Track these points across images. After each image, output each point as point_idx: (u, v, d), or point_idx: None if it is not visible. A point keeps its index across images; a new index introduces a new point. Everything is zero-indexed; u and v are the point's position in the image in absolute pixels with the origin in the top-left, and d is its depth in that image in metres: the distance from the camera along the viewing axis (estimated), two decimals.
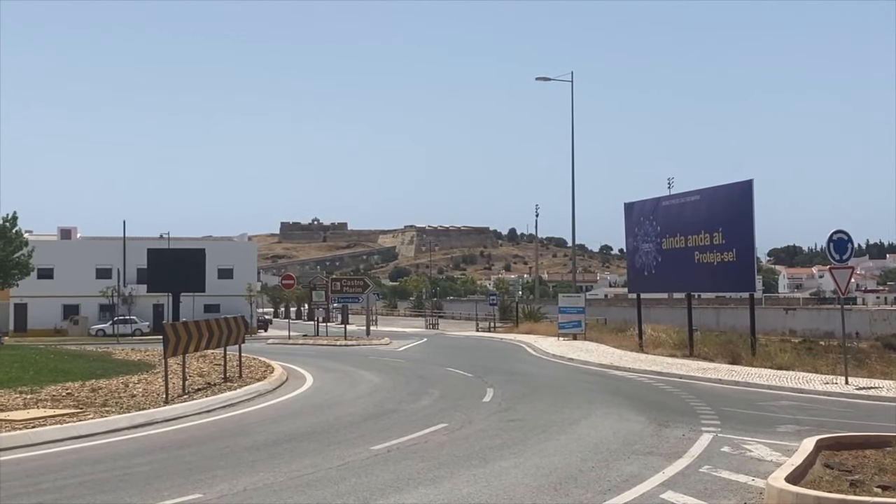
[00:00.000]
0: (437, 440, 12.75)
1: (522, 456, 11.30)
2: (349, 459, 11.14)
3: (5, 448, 12.17)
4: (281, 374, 23.22)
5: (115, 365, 24.41)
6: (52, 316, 73.67)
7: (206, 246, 55.10)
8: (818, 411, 16.40)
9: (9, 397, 16.72)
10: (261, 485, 9.59)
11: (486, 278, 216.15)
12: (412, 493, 9.07)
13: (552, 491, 9.18)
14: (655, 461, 10.91)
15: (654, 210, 33.57)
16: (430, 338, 53.52)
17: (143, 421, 14.85)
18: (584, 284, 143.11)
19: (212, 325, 20.47)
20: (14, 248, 59.53)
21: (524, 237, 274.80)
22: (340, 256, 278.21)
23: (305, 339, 53.12)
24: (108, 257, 74.25)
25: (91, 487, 9.55)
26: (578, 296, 49.81)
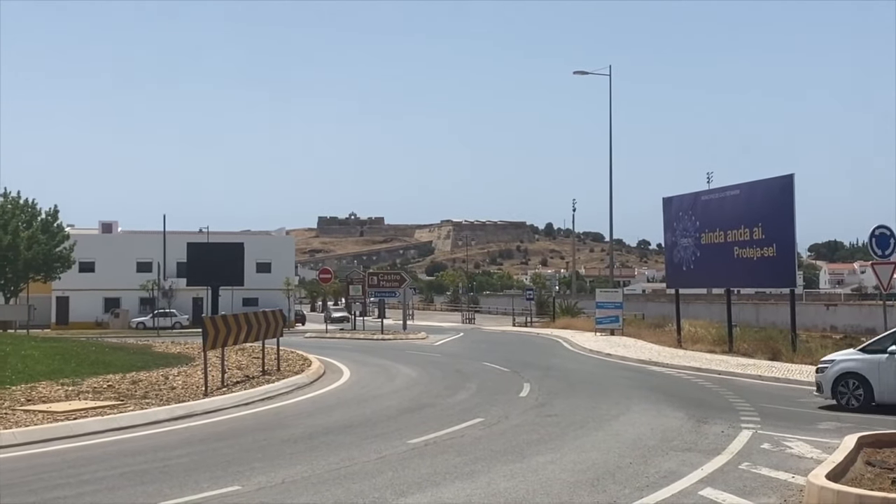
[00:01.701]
0: (473, 434, 12.74)
1: (560, 451, 11.26)
2: (386, 453, 11.16)
3: (48, 439, 12.34)
4: (318, 368, 23.34)
5: (155, 358, 24.64)
6: (94, 309, 74.59)
7: (245, 240, 55.58)
8: None
9: (51, 389, 16.94)
10: (298, 477, 9.64)
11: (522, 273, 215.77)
12: (449, 488, 9.07)
13: (590, 487, 9.14)
14: (694, 458, 10.82)
15: (693, 205, 33.29)
16: (466, 332, 53.52)
17: (182, 413, 14.99)
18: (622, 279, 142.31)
19: (250, 318, 20.62)
20: (56, 241, 60.40)
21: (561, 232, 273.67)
22: (377, 251, 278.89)
23: (342, 332, 53.36)
24: (149, 251, 75.01)
25: (131, 478, 9.65)
26: (616, 291, 49.54)
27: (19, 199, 60.30)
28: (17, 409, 14.27)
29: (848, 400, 17.06)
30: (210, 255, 36.91)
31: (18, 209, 59.60)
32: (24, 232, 57.69)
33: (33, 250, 57.56)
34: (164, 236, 74.03)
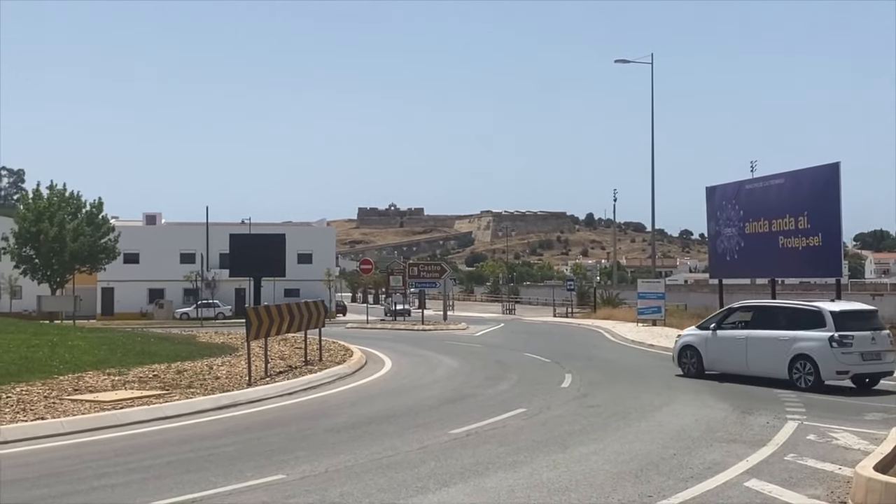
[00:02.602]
0: (515, 425, 12.74)
1: (602, 442, 11.22)
2: (428, 443, 11.19)
3: (95, 428, 12.52)
4: (360, 358, 23.45)
5: (200, 348, 24.90)
6: (138, 300, 75.54)
7: (286, 231, 55.87)
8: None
9: (98, 379, 17.18)
10: (342, 466, 9.69)
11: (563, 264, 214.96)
12: (492, 478, 9.08)
13: (633, 478, 9.09)
14: (739, 449, 10.73)
15: (736, 194, 32.93)
16: (506, 323, 53.48)
17: (226, 403, 15.14)
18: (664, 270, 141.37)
19: (292, 309, 20.76)
20: (101, 233, 61.21)
21: (602, 222, 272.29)
22: (417, 242, 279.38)
23: (383, 323, 53.55)
24: (192, 242, 75.78)
25: (177, 467, 9.77)
26: (658, 281, 49.16)
27: (65, 192, 61.16)
28: (64, 399, 14.50)
29: (687, 368, 20.53)
30: (252, 247, 37.23)
31: (64, 201, 60.46)
32: (69, 224, 58.53)
33: (79, 242, 58.37)
34: (206, 228, 74.76)
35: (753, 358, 19.30)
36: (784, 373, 18.44)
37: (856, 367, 17.95)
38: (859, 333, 18.12)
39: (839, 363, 17.78)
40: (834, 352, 17.75)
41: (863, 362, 18.01)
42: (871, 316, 19.45)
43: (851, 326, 18.24)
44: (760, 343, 19.19)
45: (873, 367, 18.21)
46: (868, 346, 18.06)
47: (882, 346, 18.36)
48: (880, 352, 18.28)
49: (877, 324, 19.06)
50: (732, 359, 19.82)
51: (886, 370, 18.50)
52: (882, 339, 18.42)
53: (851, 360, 17.85)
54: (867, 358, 18.04)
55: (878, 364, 18.27)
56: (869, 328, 18.52)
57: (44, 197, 60.25)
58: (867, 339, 18.11)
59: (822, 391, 17.49)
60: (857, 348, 17.93)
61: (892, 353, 18.57)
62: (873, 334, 18.33)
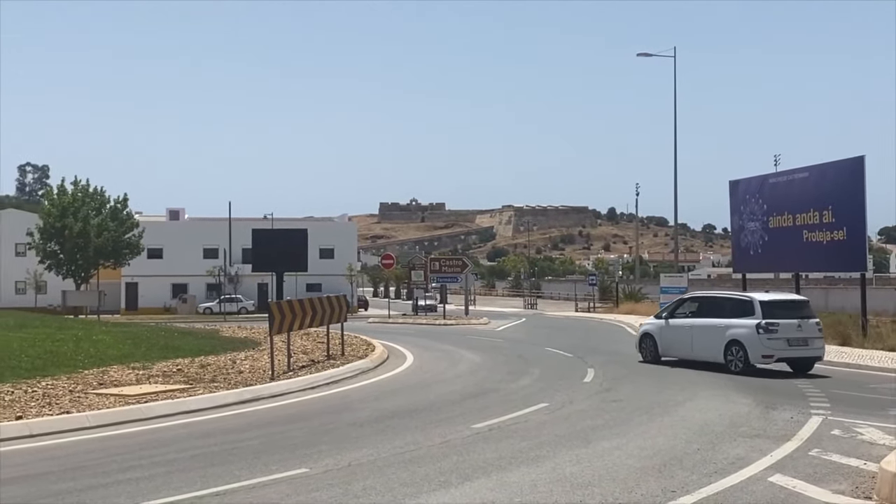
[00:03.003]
0: (538, 420, 12.72)
1: (625, 437, 11.18)
2: (450, 437, 11.19)
3: (120, 422, 12.62)
4: (382, 353, 23.49)
5: (223, 342, 25.03)
6: (162, 294, 76.05)
7: (308, 226, 55.98)
8: None
9: (122, 373, 17.31)
10: (365, 460, 9.71)
11: (584, 258, 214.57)
12: (514, 472, 9.07)
13: (656, 472, 9.06)
14: (763, 444, 10.66)
15: (760, 188, 32.73)
16: (528, 318, 53.44)
17: (250, 397, 15.21)
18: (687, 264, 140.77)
19: (315, 303, 20.82)
20: (125, 228, 61.66)
21: (624, 216, 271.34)
22: (438, 236, 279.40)
23: (405, 317, 53.63)
24: (215, 237, 76.17)
25: (201, 460, 9.82)
26: (681, 276, 48.96)
27: (89, 188, 61.61)
28: (89, 393, 14.61)
29: (646, 355, 22.52)
30: (274, 242, 37.23)
31: (88, 197, 60.94)
32: (94, 219, 59.00)
33: (103, 237, 58.84)
34: (229, 223, 75.08)
35: (697, 344, 21.17)
36: (720, 357, 20.22)
37: (781, 351, 19.65)
38: (785, 321, 19.73)
39: (764, 348, 19.50)
40: (760, 338, 19.50)
41: (788, 347, 19.66)
42: (800, 305, 21.03)
43: (778, 315, 19.87)
44: (702, 331, 21.02)
45: (799, 352, 19.88)
46: (794, 333, 19.73)
47: (809, 333, 19.94)
48: (807, 338, 19.88)
49: (805, 313, 20.46)
50: (681, 345, 21.73)
51: (813, 355, 20.11)
52: (809, 326, 19.99)
53: (777, 345, 19.54)
54: (793, 343, 19.70)
55: (805, 349, 19.92)
56: (796, 316, 20.05)
57: (68, 193, 60.77)
58: (793, 327, 19.74)
59: (755, 374, 19.14)
60: (783, 335, 19.59)
61: (819, 339, 20.30)
62: (800, 322, 19.90)
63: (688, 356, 21.52)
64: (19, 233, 70.51)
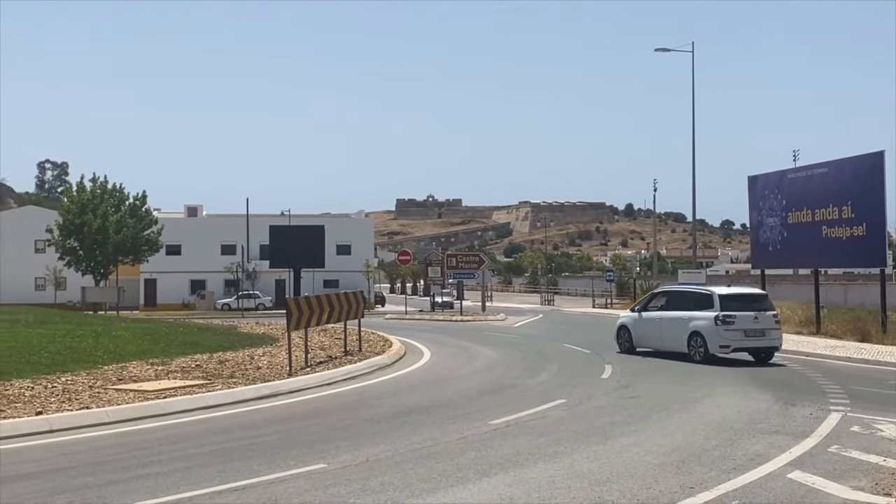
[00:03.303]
0: (555, 416, 12.70)
1: (643, 433, 11.15)
2: (468, 433, 11.20)
3: (139, 417, 12.68)
4: (399, 349, 23.52)
5: (241, 338, 25.11)
6: (180, 291, 76.38)
7: (325, 223, 56.23)
8: None
9: (141, 368, 17.39)
10: (382, 456, 9.73)
11: (602, 254, 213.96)
12: (532, 468, 9.06)
13: (675, 469, 9.04)
14: (782, 440, 10.62)
15: (779, 183, 32.56)
16: (545, 314, 53.37)
17: (268, 392, 15.26)
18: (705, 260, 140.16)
19: (332, 299, 20.86)
20: (144, 225, 61.98)
21: (642, 212, 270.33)
22: (455, 233, 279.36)
23: (422, 314, 53.65)
24: (233, 234, 76.45)
25: (220, 456, 9.86)
26: (699, 272, 48.75)
27: (107, 184, 61.94)
28: (109, 389, 14.69)
29: (622, 345, 24.00)
30: (292, 238, 37.42)
31: (107, 194, 61.28)
32: (113, 216, 59.32)
33: (122, 234, 59.18)
34: (247, 219, 75.33)
35: (665, 335, 22.68)
36: (684, 347, 21.69)
37: (738, 342, 21.03)
38: (742, 313, 21.09)
39: (722, 338, 20.95)
40: (718, 329, 20.97)
41: (745, 338, 21.04)
42: (758, 299, 22.38)
43: (735, 307, 21.28)
44: (669, 323, 22.55)
45: (756, 342, 21.26)
46: (751, 325, 21.05)
47: (765, 324, 21.23)
48: (764, 329, 21.19)
49: (762, 306, 21.77)
50: (651, 336, 23.24)
51: (770, 345, 21.39)
52: (766, 318, 21.30)
53: (733, 336, 20.95)
54: (750, 334, 21.05)
55: (762, 340, 21.28)
56: (753, 309, 21.40)
57: (87, 189, 61.13)
58: (749, 319, 21.07)
59: (715, 363, 20.59)
60: (740, 326, 20.95)
61: (776, 330, 21.51)
62: (757, 314, 21.22)
63: (657, 347, 22.98)
64: (39, 229, 70.95)
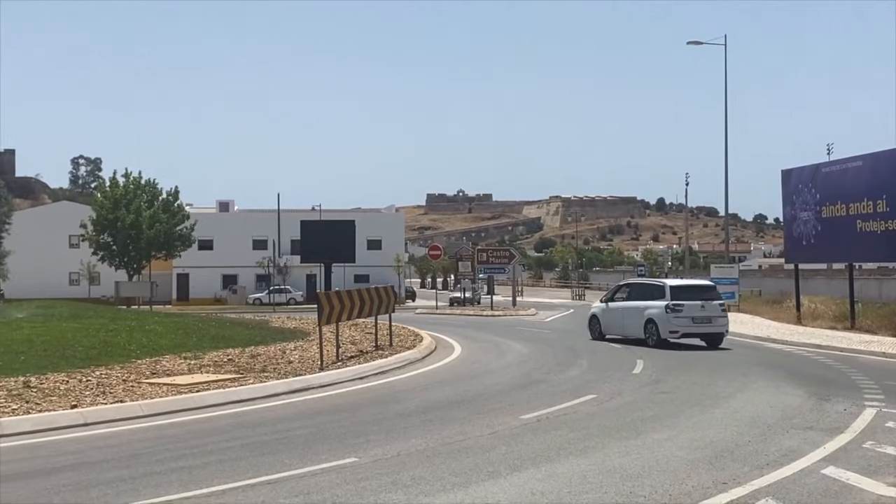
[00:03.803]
0: (586, 411, 12.67)
1: (675, 428, 11.09)
2: (499, 428, 11.19)
3: (173, 411, 12.79)
4: (430, 343, 23.55)
5: (272, 332, 25.25)
6: (212, 285, 76.91)
7: (356, 218, 56.33)
8: None
9: (174, 362, 17.54)
10: (413, 450, 9.75)
11: (633, 249, 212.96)
12: (563, 463, 9.04)
13: (707, 464, 8.98)
14: (815, 436, 10.51)
15: (812, 177, 32.23)
16: (576, 309, 53.22)
17: (299, 386, 15.33)
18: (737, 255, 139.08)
19: (363, 294, 20.91)
20: (177, 220, 62.42)
21: (673, 207, 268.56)
22: (485, 227, 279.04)
23: (452, 308, 53.67)
24: (264, 229, 76.85)
25: (252, 449, 9.93)
26: (731, 266, 48.43)
27: (140, 180, 62.43)
28: (142, 382, 14.84)
29: (593, 333, 26.67)
30: (323, 233, 37.46)
31: (140, 189, 61.76)
32: (146, 211, 59.78)
33: (155, 229, 59.60)
34: (278, 214, 75.72)
35: (626, 323, 25.25)
36: (641, 334, 24.27)
37: (686, 328, 23.71)
38: (689, 303, 23.73)
39: (671, 324, 23.61)
40: (668, 316, 23.63)
41: (693, 324, 23.71)
42: (706, 289, 25.31)
43: (684, 297, 23.86)
44: (629, 312, 25.13)
45: (703, 328, 23.91)
46: (698, 313, 23.72)
47: (712, 312, 23.93)
48: (710, 317, 23.85)
49: (710, 296, 24.52)
50: (616, 324, 25.81)
51: (717, 331, 24.02)
52: (713, 307, 24.07)
53: (682, 323, 23.62)
54: (697, 321, 23.73)
55: (708, 326, 23.90)
56: (700, 299, 24.06)
57: (120, 185, 61.63)
58: (697, 307, 23.75)
59: (667, 347, 23.15)
60: (688, 314, 23.62)
61: (722, 318, 24.13)
62: (704, 304, 23.89)
63: (621, 334, 25.57)
64: (73, 224, 71.69)
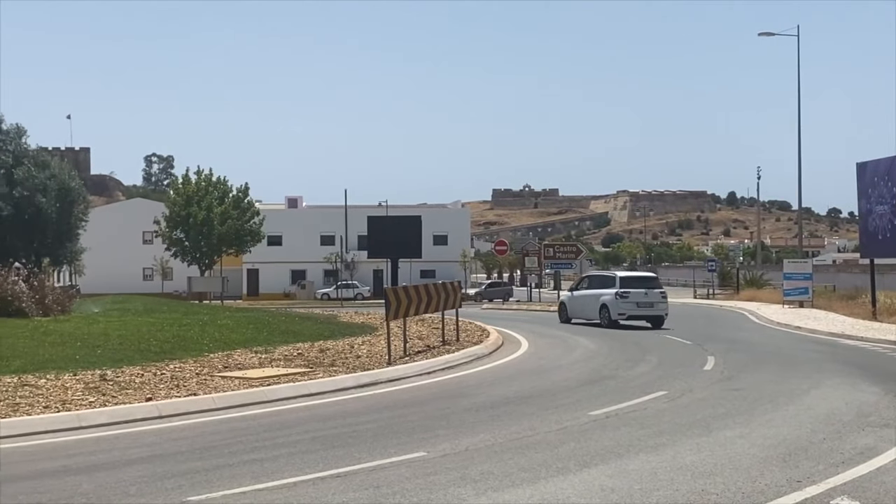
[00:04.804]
0: (656, 407, 12.53)
1: (748, 426, 10.91)
2: (567, 424, 11.14)
3: (245, 404, 12.98)
4: (496, 339, 23.52)
5: (340, 327, 25.46)
6: (281, 280, 77.96)
7: (422, 213, 56.55)
8: None
9: (246, 357, 17.79)
10: (481, 445, 9.75)
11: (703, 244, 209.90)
12: (633, 460, 8.96)
13: (781, 462, 8.82)
14: (892, 434, 10.25)
15: (889, 170, 31.43)
16: None
17: (367, 381, 15.44)
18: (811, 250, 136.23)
19: (430, 289, 20.97)
20: (247, 217, 63.40)
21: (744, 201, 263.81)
22: (552, 223, 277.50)
23: (519, 304, 53.55)
24: (331, 225, 77.60)
25: (323, 443, 10.03)
26: (805, 261, 47.54)
27: (212, 177, 63.52)
28: (215, 376, 15.09)
29: (562, 318, 32.68)
30: (389, 228, 37.74)
31: (211, 186, 62.87)
32: (217, 208, 60.83)
33: (226, 225, 60.64)
34: (345, 210, 76.38)
35: (586, 308, 31.17)
36: (597, 317, 30.14)
37: (631, 311, 29.47)
38: (635, 290, 29.65)
39: (620, 308, 29.44)
40: (617, 301, 29.44)
41: (638, 308, 29.56)
42: (649, 279, 32.08)
43: (631, 286, 29.93)
44: (587, 299, 31.19)
45: (645, 311, 29.63)
46: (642, 299, 29.58)
47: (654, 299, 29.76)
48: (652, 302, 29.66)
49: (652, 285, 30.69)
50: (579, 309, 31.78)
51: (657, 314, 29.68)
52: (654, 294, 29.94)
53: (628, 307, 29.44)
54: (641, 306, 29.60)
55: (650, 310, 29.64)
56: (644, 287, 30.09)
57: (192, 182, 62.82)
58: (641, 294, 29.62)
59: (617, 327, 28.59)
60: (633, 300, 29.49)
61: (662, 303, 29.93)
62: (647, 291, 29.82)
63: (582, 317, 31.34)
64: (146, 221, 73.28)
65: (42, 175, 42.94)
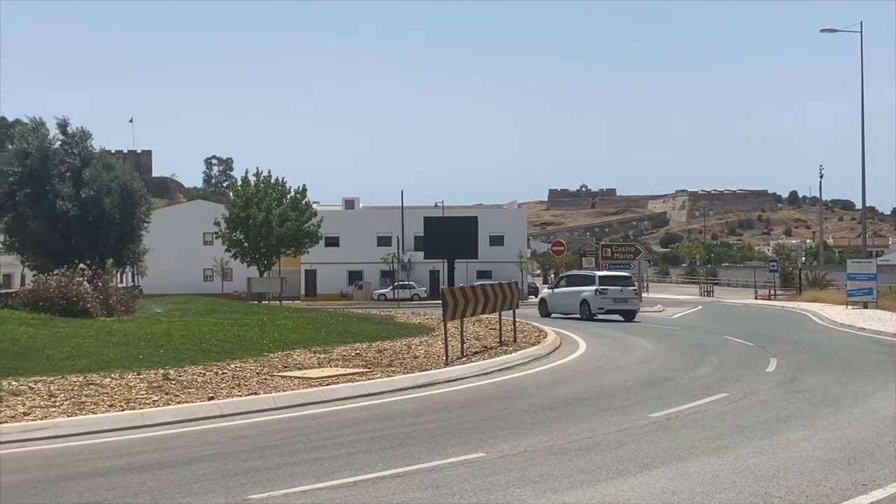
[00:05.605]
0: (717, 410, 12.38)
1: (812, 428, 10.73)
2: (627, 425, 11.05)
3: (304, 403, 13.10)
4: (554, 340, 23.41)
5: (398, 328, 25.54)
6: (339, 281, 78.45)
7: (478, 213, 56.50)
8: None
9: (305, 356, 17.94)
10: (540, 447, 9.72)
11: (764, 244, 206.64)
12: (694, 462, 8.87)
13: (845, 465, 8.66)
14: None
15: None
16: (704, 305, 52.06)
17: (425, 381, 15.48)
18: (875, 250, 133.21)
19: (487, 290, 20.94)
20: (305, 218, 63.95)
21: (807, 200, 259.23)
22: (609, 223, 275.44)
23: None
24: (388, 226, 77.90)
25: (382, 442, 10.08)
26: (869, 261, 46.53)
27: (270, 179, 64.18)
28: (275, 375, 15.25)
29: (542, 312, 36.18)
30: (446, 229, 37.76)
31: (270, 188, 63.52)
32: (275, 209, 61.45)
33: (285, 226, 61.22)
34: (402, 211, 76.64)
35: (566, 303, 35.49)
36: (577, 311, 34.50)
37: (608, 305, 34.14)
38: (611, 287, 34.28)
39: (598, 303, 34.09)
40: (596, 297, 34.08)
41: (614, 304, 34.19)
42: (623, 278, 36.19)
43: (608, 283, 34.53)
44: (568, 295, 35.59)
45: (620, 306, 34.26)
46: (618, 295, 34.23)
47: (628, 296, 34.61)
48: (626, 298, 34.47)
49: (627, 283, 35.38)
50: (559, 305, 36.11)
51: (630, 308, 34.56)
52: (628, 291, 34.80)
53: (606, 302, 34.13)
54: (617, 301, 34.22)
55: (625, 305, 34.38)
56: (619, 285, 34.63)
57: (251, 184, 63.52)
58: (617, 291, 34.26)
59: (595, 321, 32.99)
60: (611, 296, 34.11)
61: (634, 300, 35.40)
62: (622, 288, 34.52)
63: (562, 311, 35.60)
64: (207, 222, 74.27)
65: (107, 177, 43.74)
